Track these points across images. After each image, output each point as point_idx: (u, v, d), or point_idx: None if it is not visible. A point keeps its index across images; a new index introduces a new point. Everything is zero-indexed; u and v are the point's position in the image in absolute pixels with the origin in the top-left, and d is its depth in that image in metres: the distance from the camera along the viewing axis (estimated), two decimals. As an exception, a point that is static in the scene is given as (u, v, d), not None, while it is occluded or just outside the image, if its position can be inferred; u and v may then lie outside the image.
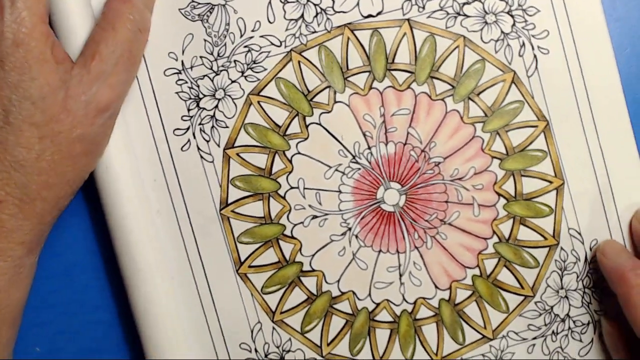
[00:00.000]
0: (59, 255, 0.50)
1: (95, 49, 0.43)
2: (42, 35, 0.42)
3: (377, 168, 0.49)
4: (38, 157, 0.42)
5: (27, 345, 0.50)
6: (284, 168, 0.49)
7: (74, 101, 0.42)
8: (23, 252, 0.44)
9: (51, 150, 0.42)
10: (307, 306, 0.50)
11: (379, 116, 0.49)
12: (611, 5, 0.49)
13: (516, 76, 0.48)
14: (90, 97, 0.43)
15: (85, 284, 0.50)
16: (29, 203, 0.43)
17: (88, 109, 0.43)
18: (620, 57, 0.49)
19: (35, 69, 0.41)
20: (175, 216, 0.49)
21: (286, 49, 0.48)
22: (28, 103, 0.41)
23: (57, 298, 0.50)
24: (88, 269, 0.48)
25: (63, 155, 0.43)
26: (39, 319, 0.50)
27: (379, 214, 0.49)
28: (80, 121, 0.43)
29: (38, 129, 0.42)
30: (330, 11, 0.48)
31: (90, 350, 0.50)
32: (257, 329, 0.49)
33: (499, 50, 0.48)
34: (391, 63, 0.48)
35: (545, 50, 0.48)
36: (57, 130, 0.42)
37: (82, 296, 0.50)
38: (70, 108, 0.42)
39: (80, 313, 0.50)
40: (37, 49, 0.41)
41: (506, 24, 0.48)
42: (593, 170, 0.48)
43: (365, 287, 0.50)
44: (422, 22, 0.48)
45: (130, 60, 0.45)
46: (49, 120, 0.42)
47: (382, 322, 0.50)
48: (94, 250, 0.50)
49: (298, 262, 0.49)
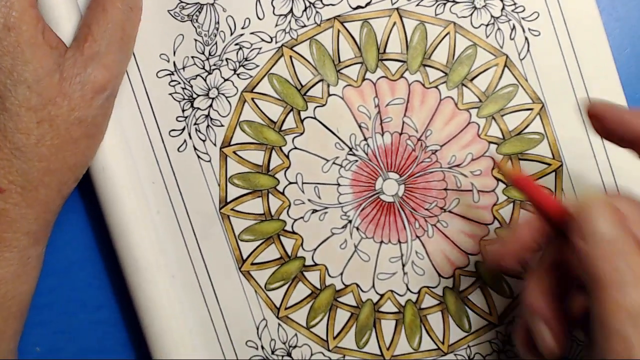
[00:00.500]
0: (59, 254, 0.50)
1: (87, 31, 0.43)
2: (33, 19, 0.42)
3: (375, 159, 0.49)
4: (37, 142, 0.42)
5: (27, 345, 0.50)
6: (282, 164, 0.49)
7: (69, 83, 0.42)
8: (29, 243, 0.44)
9: (50, 135, 0.42)
10: (311, 301, 0.49)
11: (374, 107, 0.49)
12: (611, 5, 0.49)
13: (509, 60, 0.48)
14: (85, 78, 0.43)
15: (85, 283, 0.50)
16: (31, 190, 0.43)
17: (84, 90, 0.43)
18: (620, 57, 0.48)
19: (28, 52, 0.41)
20: (175, 217, 0.49)
21: (277, 45, 0.48)
22: (23, 87, 0.41)
23: (57, 297, 0.50)
24: (89, 268, 0.48)
25: (63, 140, 0.43)
26: (39, 319, 0.50)
27: (379, 204, 0.49)
28: (77, 103, 0.43)
29: (35, 113, 0.42)
30: (319, 4, 0.48)
31: (91, 350, 0.50)
32: (262, 326, 0.49)
33: (489, 34, 0.48)
34: (383, 53, 0.48)
35: (536, 32, 0.48)
36: (54, 113, 0.42)
37: (83, 296, 0.50)
38: (66, 91, 0.42)
39: (80, 312, 0.50)
40: (29, 33, 0.41)
41: (495, 7, 0.48)
42: (591, 150, 0.48)
43: (368, 279, 0.50)
44: (411, 11, 0.48)
45: (124, 39, 0.45)
46: (46, 104, 0.42)
47: (387, 313, 0.50)
48: (95, 249, 0.50)
49: (300, 257, 0.49)
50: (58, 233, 0.49)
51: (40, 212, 0.43)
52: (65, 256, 0.50)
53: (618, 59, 0.48)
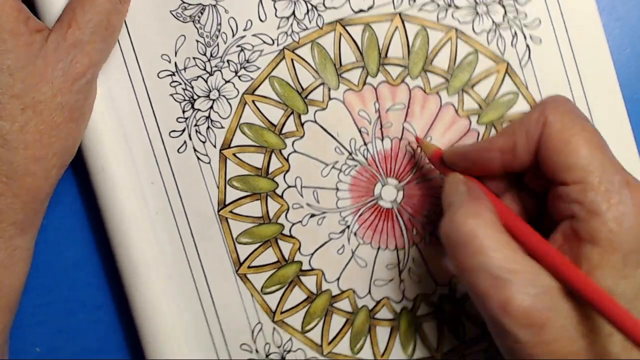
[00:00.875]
0: (59, 254, 0.50)
1: (71, 17, 0.43)
2: (13, 10, 0.42)
3: (374, 164, 0.49)
4: (22, 129, 0.42)
5: (27, 345, 0.50)
6: (281, 167, 0.49)
7: (51, 69, 0.42)
8: (15, 233, 0.43)
9: (35, 121, 0.42)
10: (307, 305, 0.49)
11: (374, 112, 0.48)
12: (611, 5, 0.49)
13: (510, 67, 0.48)
14: (67, 64, 0.43)
15: (85, 283, 0.50)
16: (17, 180, 0.42)
17: (66, 76, 0.43)
18: (620, 57, 0.48)
19: (9, 42, 0.41)
20: (173, 218, 0.48)
21: (279, 47, 0.48)
22: (6, 75, 0.41)
23: (57, 297, 0.50)
24: (88, 268, 0.48)
25: (47, 126, 0.43)
26: (39, 319, 0.50)
27: (377, 210, 0.49)
28: (59, 89, 0.43)
29: (19, 99, 0.42)
30: (321, 7, 0.48)
31: (90, 350, 0.50)
32: (257, 330, 0.49)
33: (491, 41, 0.48)
34: (384, 58, 0.48)
35: (538, 40, 0.48)
36: (37, 99, 0.42)
37: (82, 296, 0.50)
38: (49, 77, 0.42)
39: (80, 313, 0.50)
40: (9, 24, 0.41)
41: (497, 14, 0.48)
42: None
43: (365, 285, 0.49)
44: (413, 15, 0.48)
45: (109, 29, 0.45)
46: (29, 90, 0.42)
47: (382, 320, 0.49)
48: (94, 250, 0.50)
49: (297, 261, 0.49)
50: (58, 233, 0.49)
51: (27, 202, 0.43)
52: (65, 256, 0.50)
53: (618, 59, 0.48)
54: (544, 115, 0.39)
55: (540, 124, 0.39)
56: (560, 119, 0.38)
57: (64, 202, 0.49)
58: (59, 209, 0.49)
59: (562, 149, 0.38)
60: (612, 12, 0.49)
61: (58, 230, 0.49)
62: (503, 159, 0.41)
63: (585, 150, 0.37)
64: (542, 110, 0.39)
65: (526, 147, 0.39)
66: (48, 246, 0.49)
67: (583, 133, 0.38)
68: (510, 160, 0.40)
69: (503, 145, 0.40)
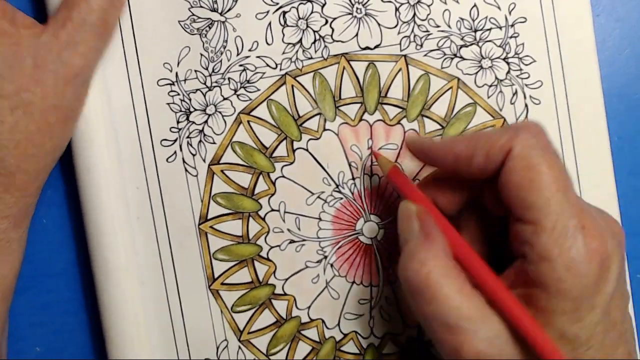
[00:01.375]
0: (59, 254, 0.50)
1: (66, 15, 0.43)
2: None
3: (359, 199, 0.49)
4: (12, 129, 0.41)
5: (27, 345, 0.50)
6: (267, 190, 0.49)
7: (42, 71, 0.42)
8: (8, 226, 0.43)
9: (25, 122, 0.42)
10: (275, 329, 0.49)
11: (367, 148, 0.49)
12: (611, 6, 0.49)
13: (506, 123, 0.48)
14: (59, 65, 0.42)
15: (85, 283, 0.50)
16: (8, 177, 0.42)
17: (57, 77, 0.42)
18: (620, 57, 0.49)
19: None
20: (153, 225, 0.48)
21: (281, 72, 0.48)
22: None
23: (56, 297, 0.50)
24: (88, 268, 0.48)
25: (38, 126, 0.42)
26: (39, 319, 0.50)
27: (357, 245, 0.49)
28: (51, 90, 0.42)
29: (8, 99, 0.41)
30: (328, 39, 0.48)
31: (90, 350, 0.50)
32: (222, 346, 0.49)
33: (491, 95, 0.48)
34: (384, 97, 0.48)
35: (537, 101, 0.48)
36: (28, 100, 0.41)
37: (82, 296, 0.50)
38: (40, 77, 0.42)
39: (80, 313, 0.50)
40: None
41: (501, 70, 0.48)
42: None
43: (335, 317, 0.50)
44: (418, 60, 0.48)
45: (105, 27, 0.44)
46: (19, 90, 0.41)
47: (348, 354, 0.50)
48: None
49: (271, 284, 0.49)
50: (58, 233, 0.49)
51: (18, 197, 0.43)
52: (65, 257, 0.50)
53: (618, 59, 0.49)
54: (510, 144, 0.38)
55: (504, 151, 0.38)
56: (527, 154, 0.37)
57: (66, 203, 0.49)
58: (59, 209, 0.49)
59: (523, 186, 0.37)
60: (612, 13, 0.49)
61: (58, 230, 0.49)
62: (457, 164, 0.40)
63: (547, 191, 0.37)
64: (510, 138, 0.38)
65: (482, 166, 0.39)
66: (48, 246, 0.49)
67: (548, 172, 0.37)
68: (463, 168, 0.40)
69: (460, 153, 0.40)
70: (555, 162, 0.38)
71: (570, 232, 0.36)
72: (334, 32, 0.48)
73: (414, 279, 0.38)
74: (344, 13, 0.48)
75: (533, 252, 0.37)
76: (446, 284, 0.38)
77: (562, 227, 0.36)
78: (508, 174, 0.38)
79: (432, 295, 0.38)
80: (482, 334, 0.37)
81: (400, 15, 0.48)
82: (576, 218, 0.36)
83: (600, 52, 0.49)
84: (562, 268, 0.36)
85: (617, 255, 0.37)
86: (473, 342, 0.37)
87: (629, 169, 0.49)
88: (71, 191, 0.48)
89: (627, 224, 0.49)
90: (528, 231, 0.37)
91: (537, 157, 0.37)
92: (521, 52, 0.48)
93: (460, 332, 0.37)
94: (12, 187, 0.42)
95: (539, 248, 0.36)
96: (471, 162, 0.39)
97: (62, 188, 0.49)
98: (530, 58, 0.48)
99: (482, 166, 0.39)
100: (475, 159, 0.39)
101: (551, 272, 0.36)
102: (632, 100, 0.49)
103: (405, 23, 0.48)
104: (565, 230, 0.36)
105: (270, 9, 0.48)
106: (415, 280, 0.38)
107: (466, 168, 0.40)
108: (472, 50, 0.48)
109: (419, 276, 0.38)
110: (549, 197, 0.36)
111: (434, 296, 0.37)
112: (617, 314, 0.38)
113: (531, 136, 0.38)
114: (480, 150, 0.39)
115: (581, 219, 0.37)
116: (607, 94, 0.49)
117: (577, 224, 0.36)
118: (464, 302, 0.37)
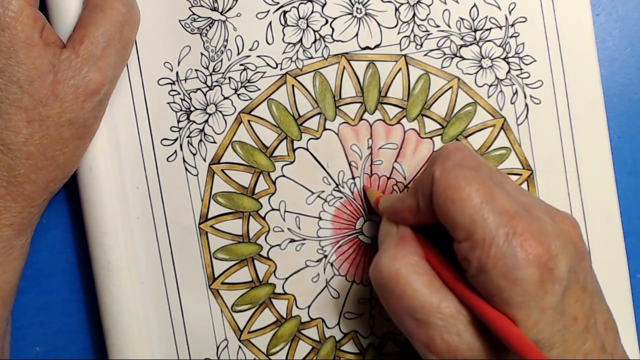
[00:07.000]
0: (59, 254, 0.50)
1: (84, 32, 0.43)
2: (29, 19, 0.41)
3: (359, 199, 0.49)
4: (26, 141, 0.42)
5: (27, 345, 0.50)
6: (267, 189, 0.49)
7: (62, 86, 0.42)
8: (12, 234, 0.43)
9: (39, 135, 0.42)
10: (275, 328, 0.49)
11: (367, 148, 0.49)
12: (611, 6, 0.49)
13: (506, 123, 0.48)
14: (79, 81, 0.42)
15: (85, 283, 0.50)
16: (17, 186, 0.43)
17: (77, 93, 0.43)
18: (620, 57, 0.49)
19: (21, 53, 0.41)
20: (153, 225, 0.48)
21: (282, 72, 0.48)
22: (15, 87, 0.41)
23: (56, 297, 0.50)
24: (88, 268, 0.48)
25: (52, 140, 0.43)
26: (39, 319, 0.50)
27: (356, 244, 0.49)
28: (69, 106, 0.42)
29: (26, 112, 0.42)
30: (329, 39, 0.48)
31: (90, 350, 0.50)
32: (223, 346, 0.49)
33: (491, 95, 0.48)
34: (384, 97, 0.49)
35: (537, 100, 0.48)
36: (45, 114, 0.42)
37: (82, 296, 0.50)
38: (59, 93, 0.42)
39: (80, 312, 0.50)
40: (24, 34, 0.41)
41: (501, 70, 0.48)
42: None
43: (335, 316, 0.50)
44: (418, 60, 0.48)
45: (121, 42, 0.45)
46: (37, 104, 0.42)
47: (348, 353, 0.50)
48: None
49: (271, 283, 0.49)
50: (58, 233, 0.49)
51: (24, 206, 0.43)
52: (65, 257, 0.50)
53: (618, 59, 0.49)
54: (431, 172, 0.38)
55: (429, 181, 0.38)
56: (445, 176, 0.38)
57: (66, 203, 0.49)
58: (60, 209, 0.49)
59: (448, 208, 0.37)
60: (612, 13, 0.49)
61: (58, 230, 0.49)
62: (413, 216, 0.41)
63: (469, 208, 0.36)
64: (430, 165, 0.39)
65: (426, 206, 0.39)
66: (48, 246, 0.49)
67: (468, 188, 0.37)
68: (419, 218, 0.41)
69: (410, 205, 0.41)
70: (474, 175, 0.38)
71: (501, 241, 0.36)
72: (334, 31, 0.48)
73: (384, 275, 0.39)
74: (344, 13, 0.48)
75: (471, 267, 0.37)
76: (416, 280, 0.38)
77: (491, 238, 0.36)
78: (435, 200, 0.38)
79: (402, 291, 0.38)
80: (452, 328, 0.37)
81: (400, 15, 0.48)
82: (506, 226, 0.36)
83: (600, 52, 0.49)
84: (499, 278, 0.36)
85: (564, 253, 0.37)
86: (443, 336, 0.37)
87: (629, 169, 0.49)
88: (71, 191, 0.48)
89: (627, 224, 0.49)
90: (464, 248, 0.37)
91: (455, 177, 0.37)
92: (521, 51, 0.48)
93: (430, 326, 0.37)
94: (19, 197, 0.43)
95: (475, 262, 0.36)
96: (419, 210, 0.40)
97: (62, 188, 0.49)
98: (531, 58, 0.48)
99: (426, 208, 0.40)
100: (420, 204, 0.40)
101: (490, 283, 0.36)
102: (632, 100, 0.49)
103: (405, 23, 0.48)
104: (495, 240, 0.36)
105: (271, 9, 0.48)
106: (386, 275, 0.39)
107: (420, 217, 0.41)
108: (472, 50, 0.48)
109: (389, 271, 0.39)
110: (472, 213, 0.36)
111: (403, 291, 0.38)
112: (576, 309, 0.37)
113: (447, 157, 0.39)
114: (419, 191, 0.40)
115: (512, 226, 0.36)
116: (607, 94, 0.49)
117: (509, 232, 0.36)
118: (433, 297, 0.38)
